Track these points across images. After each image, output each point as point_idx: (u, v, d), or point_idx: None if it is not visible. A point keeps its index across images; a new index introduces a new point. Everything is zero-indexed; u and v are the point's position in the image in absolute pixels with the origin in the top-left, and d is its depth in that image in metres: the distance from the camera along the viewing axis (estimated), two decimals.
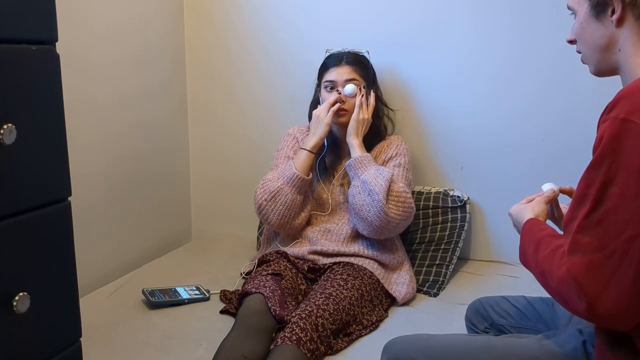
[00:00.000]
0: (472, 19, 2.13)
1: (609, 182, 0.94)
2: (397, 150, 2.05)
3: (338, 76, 2.02)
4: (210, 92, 2.57)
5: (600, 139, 0.97)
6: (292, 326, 1.56)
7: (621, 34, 1.09)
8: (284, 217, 1.95)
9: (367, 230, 1.93)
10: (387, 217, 1.87)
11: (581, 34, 1.15)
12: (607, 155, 0.95)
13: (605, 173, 0.95)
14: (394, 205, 1.89)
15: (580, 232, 0.96)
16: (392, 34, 2.23)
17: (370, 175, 1.89)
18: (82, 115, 2.03)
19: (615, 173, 0.94)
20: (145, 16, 2.31)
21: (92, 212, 2.12)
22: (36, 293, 0.96)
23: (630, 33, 1.08)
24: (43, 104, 0.97)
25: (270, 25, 2.41)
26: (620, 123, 0.94)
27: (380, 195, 1.85)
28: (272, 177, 1.98)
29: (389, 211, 1.88)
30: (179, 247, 2.53)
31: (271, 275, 1.85)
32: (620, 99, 0.97)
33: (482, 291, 1.88)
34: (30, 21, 0.93)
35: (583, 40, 1.16)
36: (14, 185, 0.93)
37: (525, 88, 2.12)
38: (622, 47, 1.09)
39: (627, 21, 1.08)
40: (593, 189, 0.96)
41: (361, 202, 1.89)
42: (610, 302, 0.93)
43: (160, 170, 2.49)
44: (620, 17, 1.07)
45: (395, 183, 1.92)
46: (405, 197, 1.91)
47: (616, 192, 0.94)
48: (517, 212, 1.27)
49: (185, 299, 1.90)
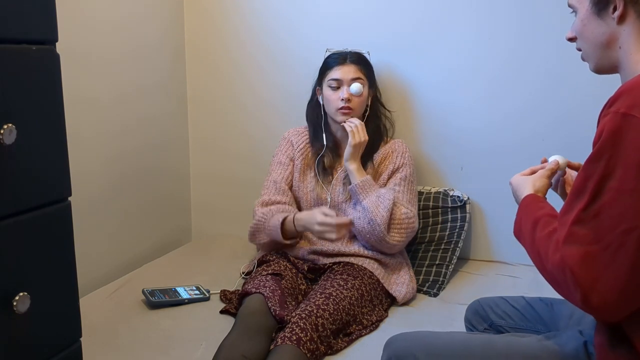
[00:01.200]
0: (471, 19, 2.13)
1: (608, 175, 0.95)
2: (402, 160, 2.04)
3: (344, 75, 2.01)
4: (210, 90, 2.56)
5: (600, 133, 0.97)
6: (292, 326, 1.56)
7: (622, 31, 1.09)
8: (273, 249, 2.06)
9: (370, 247, 1.98)
10: (388, 244, 1.93)
11: (582, 31, 1.15)
12: (606, 149, 0.95)
13: (605, 167, 0.95)
14: (396, 233, 1.93)
15: (577, 223, 0.97)
16: (392, 35, 2.23)
17: (371, 203, 1.92)
18: (80, 113, 2.02)
19: (614, 167, 0.94)
20: (144, 12, 2.31)
21: (92, 212, 2.12)
22: (36, 293, 0.96)
23: (631, 30, 1.08)
24: (43, 104, 0.97)
25: (270, 23, 2.40)
26: (621, 117, 0.94)
27: (381, 227, 1.89)
28: (261, 225, 2.00)
29: (391, 239, 1.92)
30: (179, 247, 2.53)
31: (271, 275, 1.85)
32: (621, 94, 0.97)
33: (482, 291, 1.88)
34: (30, 21, 0.93)
35: (584, 38, 1.15)
36: (14, 185, 0.93)
37: (525, 88, 2.12)
38: (622, 45, 1.09)
39: (628, 18, 1.08)
40: (591, 181, 0.96)
41: (361, 227, 1.93)
42: (604, 293, 0.94)
43: (160, 169, 2.49)
44: (622, 14, 1.08)
45: (398, 208, 1.93)
46: (407, 223, 1.94)
47: (614, 186, 0.94)
48: (518, 184, 1.27)
49: (185, 299, 1.90)
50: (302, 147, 2.11)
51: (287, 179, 2.09)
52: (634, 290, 0.95)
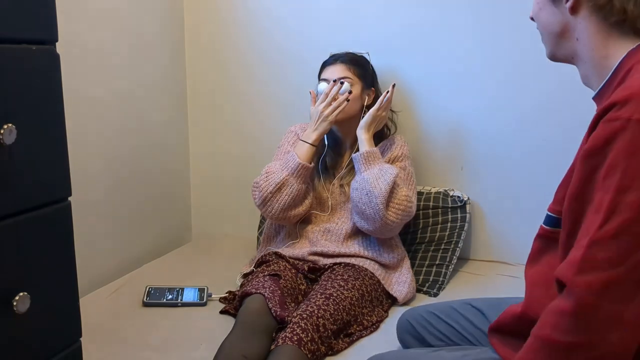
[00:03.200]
0: (475, 22, 2.13)
1: (626, 189, 0.86)
2: (402, 151, 2.04)
3: (330, 74, 2.04)
4: (211, 88, 2.56)
5: (604, 139, 0.89)
6: (293, 326, 1.56)
7: (578, 23, 1.05)
8: (289, 207, 1.96)
9: (364, 228, 1.94)
10: (382, 221, 1.88)
11: (538, 15, 1.14)
12: (621, 159, 0.87)
13: (621, 179, 0.86)
14: (393, 212, 1.89)
15: (593, 246, 0.87)
16: (394, 36, 2.23)
17: (373, 175, 1.89)
18: (80, 111, 2.01)
19: (633, 178, 0.86)
20: (144, 9, 2.30)
21: (92, 212, 2.12)
22: (36, 293, 0.96)
23: (587, 24, 1.04)
24: (43, 104, 0.97)
25: (273, 19, 2.39)
26: (637, 124, 0.86)
27: (378, 199, 1.85)
28: (275, 168, 1.98)
29: (387, 217, 1.88)
30: (179, 247, 2.53)
31: (269, 275, 1.85)
32: (631, 98, 0.88)
33: (482, 291, 1.88)
34: (30, 21, 0.93)
35: (539, 22, 1.14)
36: (14, 185, 0.93)
37: (525, 89, 2.12)
38: (580, 37, 1.06)
39: (582, 10, 1.04)
40: (607, 197, 0.87)
41: (357, 199, 1.90)
42: (632, 326, 0.85)
43: (160, 168, 2.49)
44: (574, 5, 1.04)
45: (401, 188, 1.91)
46: (406, 205, 1.91)
47: (635, 200, 0.85)
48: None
49: (179, 303, 1.90)
50: None
51: None
52: None
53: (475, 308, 1.39)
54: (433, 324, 1.41)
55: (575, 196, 0.96)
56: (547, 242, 1.11)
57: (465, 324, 1.37)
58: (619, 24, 1.01)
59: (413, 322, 1.47)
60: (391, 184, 1.87)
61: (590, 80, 1.09)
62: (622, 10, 0.99)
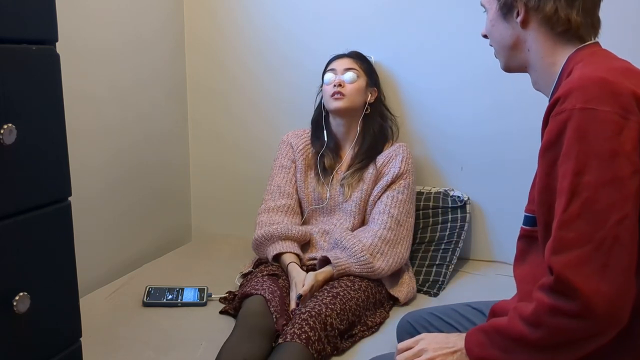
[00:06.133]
0: (474, 24, 2.12)
1: (581, 172, 0.93)
2: (406, 167, 2.01)
3: (338, 65, 2.07)
4: (211, 83, 2.55)
5: (557, 132, 0.97)
6: (301, 323, 1.55)
7: (528, 36, 1.16)
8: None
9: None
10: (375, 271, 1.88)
11: (491, 32, 1.23)
12: (573, 146, 0.94)
13: (575, 164, 0.94)
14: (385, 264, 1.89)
15: (562, 228, 0.94)
16: (394, 34, 2.23)
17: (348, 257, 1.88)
18: (78, 109, 2.00)
19: (586, 161, 0.93)
20: (144, 9, 2.30)
21: (92, 212, 2.12)
22: (36, 293, 0.96)
23: (537, 35, 1.14)
24: (43, 104, 0.97)
25: (273, 16, 2.39)
26: (580, 112, 0.95)
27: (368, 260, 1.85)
28: (261, 245, 1.98)
29: (378, 267, 1.87)
30: (179, 246, 2.53)
31: (268, 275, 1.85)
32: (571, 91, 0.97)
33: (482, 291, 1.88)
34: (30, 21, 0.93)
35: (493, 38, 1.23)
36: (14, 185, 0.93)
37: (526, 90, 2.11)
38: (531, 48, 1.16)
39: (531, 24, 1.14)
40: (565, 181, 0.94)
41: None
42: (609, 294, 0.89)
43: (160, 167, 2.49)
44: (524, 20, 1.14)
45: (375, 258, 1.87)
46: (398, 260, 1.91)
47: (591, 180, 0.92)
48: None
49: (179, 303, 1.90)
50: (302, 149, 2.11)
51: (291, 181, 2.09)
52: (631, 288, 0.91)
53: (476, 309, 1.40)
54: (433, 324, 1.43)
55: (542, 190, 1.03)
56: (529, 242, 1.16)
57: (465, 324, 1.38)
58: (565, 32, 1.12)
59: (413, 322, 1.48)
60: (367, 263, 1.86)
61: (541, 85, 1.21)
62: (567, 20, 1.11)
